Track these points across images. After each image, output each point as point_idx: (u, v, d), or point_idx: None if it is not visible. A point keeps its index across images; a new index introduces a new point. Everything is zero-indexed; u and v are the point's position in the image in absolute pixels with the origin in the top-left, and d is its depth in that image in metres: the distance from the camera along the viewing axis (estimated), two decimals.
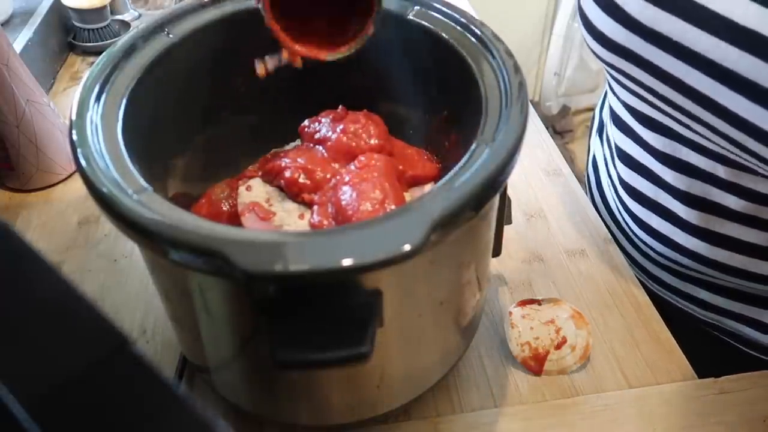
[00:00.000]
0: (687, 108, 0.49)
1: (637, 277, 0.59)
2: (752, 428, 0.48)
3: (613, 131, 0.63)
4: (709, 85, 0.45)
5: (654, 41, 0.48)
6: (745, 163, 0.49)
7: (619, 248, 0.63)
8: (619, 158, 0.63)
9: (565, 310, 0.54)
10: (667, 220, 0.59)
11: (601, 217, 0.67)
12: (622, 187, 0.63)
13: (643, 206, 0.61)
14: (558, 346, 0.51)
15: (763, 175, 0.49)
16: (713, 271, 0.58)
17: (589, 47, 0.55)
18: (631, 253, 0.67)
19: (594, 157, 0.73)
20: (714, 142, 0.50)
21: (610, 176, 0.67)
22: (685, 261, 0.59)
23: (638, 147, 0.59)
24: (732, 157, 0.50)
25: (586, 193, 0.75)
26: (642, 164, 0.59)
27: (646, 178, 0.59)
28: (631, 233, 0.65)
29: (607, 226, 0.67)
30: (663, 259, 0.62)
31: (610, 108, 0.64)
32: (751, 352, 0.62)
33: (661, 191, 0.58)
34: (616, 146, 0.63)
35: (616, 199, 0.66)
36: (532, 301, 0.55)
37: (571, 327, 0.52)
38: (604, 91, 0.73)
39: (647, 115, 0.56)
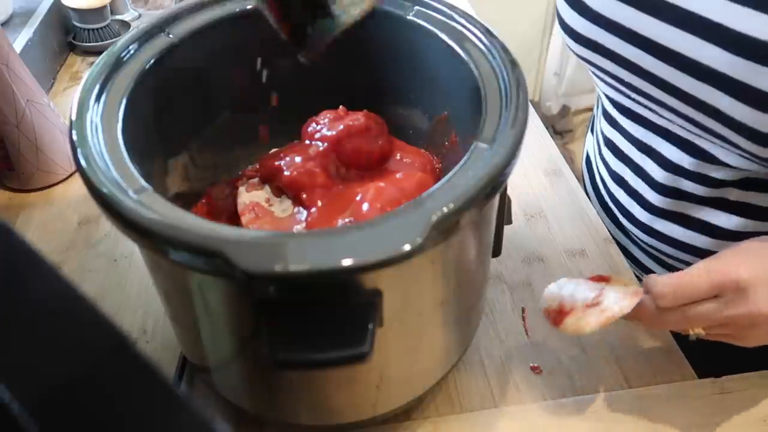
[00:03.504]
0: (652, 94, 0.52)
1: (625, 265, 0.60)
2: (752, 428, 0.48)
3: (602, 123, 0.66)
4: (669, 72, 0.49)
5: (616, 32, 0.52)
6: (707, 147, 0.52)
7: (612, 237, 0.64)
8: (608, 148, 0.65)
9: (627, 287, 0.46)
10: (645, 208, 0.61)
11: (592, 202, 0.70)
12: (610, 176, 0.66)
13: (628, 196, 0.63)
14: (589, 306, 0.45)
15: (723, 163, 0.52)
16: (690, 257, 0.60)
17: (567, 44, 0.59)
18: (620, 241, 0.68)
19: (587, 152, 0.75)
20: (681, 126, 0.53)
21: (598, 169, 0.69)
22: (666, 248, 0.62)
23: (622, 137, 0.62)
24: (697, 141, 0.53)
25: (584, 189, 0.75)
26: (626, 154, 0.62)
27: (629, 168, 0.62)
28: (621, 222, 0.66)
29: (602, 219, 0.68)
30: (648, 248, 0.64)
31: (600, 101, 0.67)
32: None
33: (640, 180, 0.61)
34: (605, 137, 0.65)
35: (605, 191, 0.68)
36: (601, 278, 0.48)
37: (615, 296, 0.45)
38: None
39: (624, 106, 0.59)
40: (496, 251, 0.49)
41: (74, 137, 0.36)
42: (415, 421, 0.48)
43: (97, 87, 0.39)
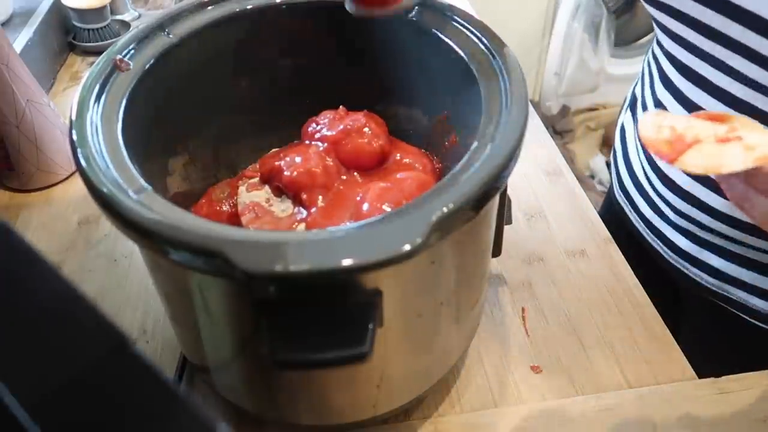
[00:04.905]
0: (728, 62, 0.50)
1: (653, 246, 0.59)
2: (752, 428, 0.48)
3: (659, 93, 0.64)
4: (753, 38, 0.46)
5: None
6: None
7: (639, 216, 0.62)
8: None
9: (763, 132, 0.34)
10: (695, 177, 0.59)
11: (623, 187, 0.68)
12: None
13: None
14: (723, 140, 0.33)
15: None
16: (731, 229, 0.59)
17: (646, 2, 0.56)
18: (651, 219, 0.67)
19: (623, 128, 0.74)
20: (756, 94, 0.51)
21: (641, 148, 0.67)
22: (705, 219, 0.60)
23: (678, 104, 0.60)
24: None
25: (611, 168, 0.75)
26: None
27: None
28: (655, 195, 0.65)
29: (630, 196, 0.67)
30: (683, 221, 0.63)
31: (659, 68, 0.64)
32: (757, 323, 0.62)
33: None
34: (662, 106, 0.63)
35: (645, 162, 0.66)
36: (712, 117, 0.36)
37: (758, 134, 0.33)
38: (640, 71, 0.73)
39: (690, 68, 0.57)
40: (496, 251, 0.49)
41: (74, 137, 0.36)
42: (415, 421, 0.48)
43: (97, 87, 0.39)
